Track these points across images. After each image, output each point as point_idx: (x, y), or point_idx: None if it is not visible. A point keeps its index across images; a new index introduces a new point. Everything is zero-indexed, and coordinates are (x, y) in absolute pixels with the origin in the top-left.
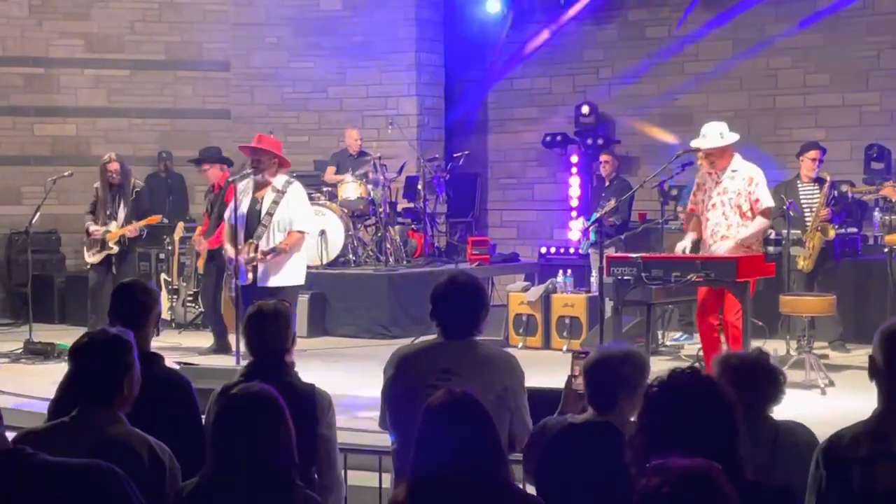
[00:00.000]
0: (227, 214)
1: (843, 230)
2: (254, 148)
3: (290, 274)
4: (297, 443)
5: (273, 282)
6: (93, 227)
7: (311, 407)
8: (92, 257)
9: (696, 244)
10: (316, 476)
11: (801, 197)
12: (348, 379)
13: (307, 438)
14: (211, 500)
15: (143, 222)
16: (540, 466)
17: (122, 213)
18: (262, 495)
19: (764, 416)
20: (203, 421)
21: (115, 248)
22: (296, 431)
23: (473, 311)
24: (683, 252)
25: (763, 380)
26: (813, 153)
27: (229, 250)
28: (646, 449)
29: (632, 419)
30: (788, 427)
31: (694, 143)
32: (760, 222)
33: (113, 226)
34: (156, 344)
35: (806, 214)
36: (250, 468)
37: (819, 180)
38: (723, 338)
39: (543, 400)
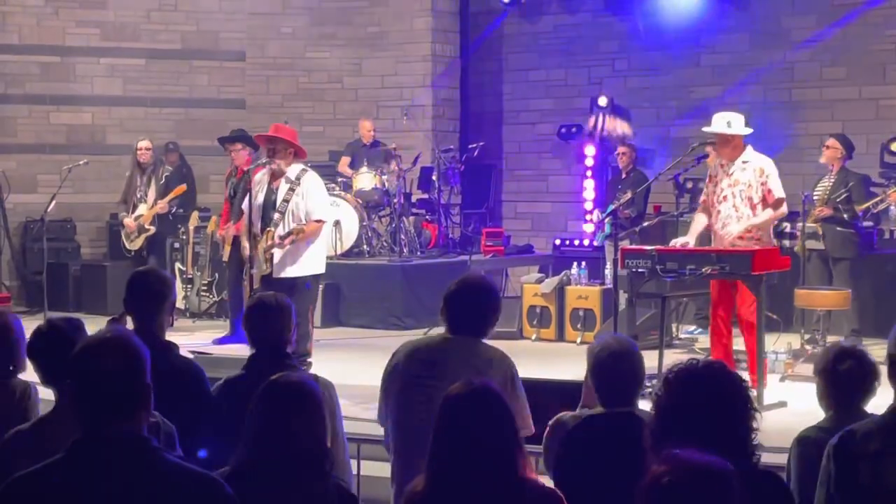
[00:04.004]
0: (244, 206)
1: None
2: (270, 136)
3: (307, 264)
4: None
5: (290, 272)
6: (127, 221)
7: None
8: (132, 244)
9: (706, 235)
10: None
11: (816, 188)
12: (362, 369)
13: None
14: (246, 487)
15: (170, 195)
16: (560, 460)
17: (151, 195)
18: (298, 484)
19: (855, 409)
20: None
21: (153, 229)
22: None
23: (481, 312)
24: (682, 246)
25: (849, 374)
26: (828, 141)
27: (246, 247)
28: (661, 436)
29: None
30: None
31: (704, 129)
32: (771, 212)
33: (143, 208)
34: (170, 333)
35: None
36: (288, 457)
37: (842, 171)
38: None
39: (557, 392)
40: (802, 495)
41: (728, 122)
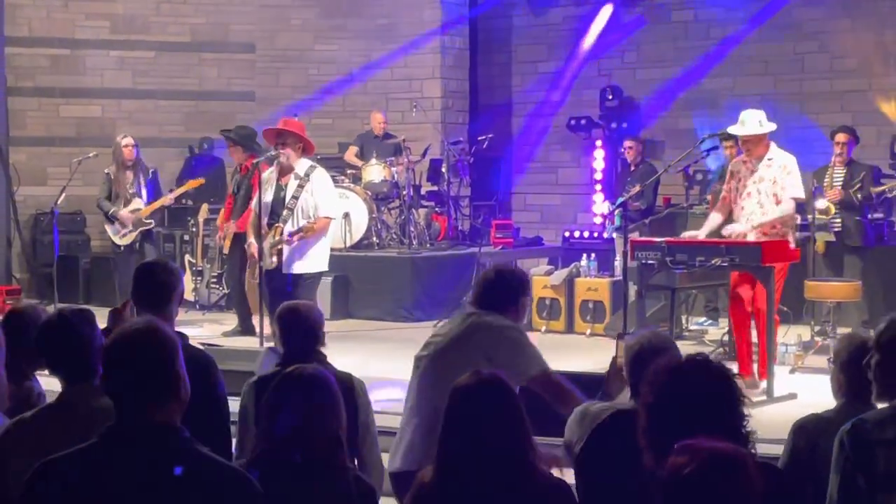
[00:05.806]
0: (253, 203)
1: (870, 216)
2: (279, 131)
3: (314, 260)
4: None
5: (297, 268)
6: (122, 213)
7: (351, 395)
8: (122, 238)
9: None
10: (356, 461)
11: (825, 181)
12: (372, 362)
13: (350, 425)
14: (263, 480)
15: (184, 188)
16: (587, 453)
17: (144, 190)
18: (315, 476)
19: (866, 400)
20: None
21: (152, 223)
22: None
23: (501, 294)
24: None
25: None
26: (837, 136)
27: (253, 244)
28: (655, 434)
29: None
30: None
31: (732, 130)
32: (781, 209)
33: (139, 203)
34: (179, 325)
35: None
36: (303, 449)
37: (852, 164)
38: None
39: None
40: (792, 480)
41: (760, 122)
